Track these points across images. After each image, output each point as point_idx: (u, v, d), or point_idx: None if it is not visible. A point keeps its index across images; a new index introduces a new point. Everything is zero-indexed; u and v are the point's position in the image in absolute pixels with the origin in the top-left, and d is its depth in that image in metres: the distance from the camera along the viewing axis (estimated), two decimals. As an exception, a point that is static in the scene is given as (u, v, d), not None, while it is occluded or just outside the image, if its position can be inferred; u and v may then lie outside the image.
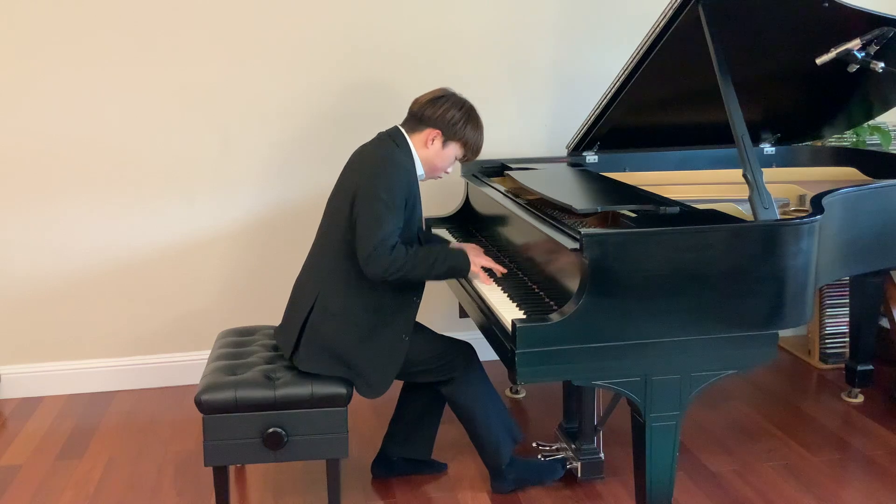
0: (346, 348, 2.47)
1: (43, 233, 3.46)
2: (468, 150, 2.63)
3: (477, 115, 2.62)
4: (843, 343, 3.68)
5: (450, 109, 2.56)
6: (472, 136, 2.60)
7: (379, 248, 2.37)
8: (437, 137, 2.56)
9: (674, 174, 3.21)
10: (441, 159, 2.60)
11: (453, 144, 2.59)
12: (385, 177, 2.44)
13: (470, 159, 2.68)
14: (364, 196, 2.43)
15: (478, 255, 2.58)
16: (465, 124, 2.57)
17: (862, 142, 3.68)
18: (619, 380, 2.16)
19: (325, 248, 2.56)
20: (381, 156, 2.52)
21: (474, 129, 2.60)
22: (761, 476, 2.81)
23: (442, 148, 2.58)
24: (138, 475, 2.90)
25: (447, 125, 2.55)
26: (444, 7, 3.55)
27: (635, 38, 2.80)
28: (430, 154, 2.58)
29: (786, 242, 2.18)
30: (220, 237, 3.58)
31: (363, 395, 2.51)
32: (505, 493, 2.70)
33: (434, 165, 2.61)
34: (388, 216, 2.41)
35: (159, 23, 3.36)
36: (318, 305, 2.49)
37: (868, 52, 2.57)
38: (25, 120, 3.36)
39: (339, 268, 2.50)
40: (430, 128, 2.56)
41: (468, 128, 2.58)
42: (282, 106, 3.50)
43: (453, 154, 2.61)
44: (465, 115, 2.58)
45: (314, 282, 2.54)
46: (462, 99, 2.61)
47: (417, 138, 2.58)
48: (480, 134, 2.63)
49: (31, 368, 3.56)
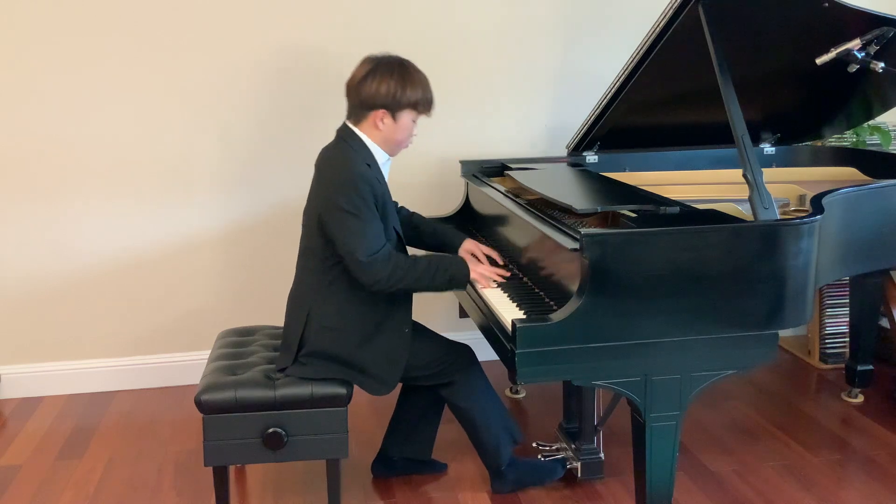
0: (349, 354, 2.47)
1: (43, 233, 3.46)
2: (421, 109, 2.50)
3: (411, 72, 2.47)
4: (843, 343, 3.68)
5: (382, 82, 2.42)
6: (417, 95, 2.46)
7: (369, 258, 2.35)
8: (385, 115, 2.44)
9: (674, 174, 3.21)
10: (399, 131, 2.48)
11: (404, 113, 2.46)
12: (341, 190, 2.38)
13: (428, 114, 2.54)
14: (330, 214, 2.39)
15: (478, 264, 2.56)
16: (402, 89, 2.43)
17: (862, 142, 3.68)
18: (619, 380, 2.16)
19: (308, 263, 2.53)
20: (332, 169, 2.45)
21: (415, 88, 2.45)
22: (761, 476, 2.81)
23: (395, 122, 2.46)
24: (138, 475, 2.90)
25: (388, 100, 2.42)
26: (444, 7, 3.55)
27: (635, 38, 2.80)
28: (386, 133, 2.47)
29: (786, 242, 2.18)
30: (220, 237, 3.58)
31: (374, 393, 2.50)
32: (505, 494, 2.70)
33: (395, 140, 2.50)
34: (363, 225, 2.37)
35: (159, 23, 3.36)
36: (312, 322, 2.48)
37: (868, 52, 2.57)
38: (25, 120, 3.36)
39: (325, 281, 2.48)
40: (374, 109, 2.44)
41: (409, 90, 2.44)
42: (282, 105, 3.50)
43: (409, 121, 2.49)
44: (399, 80, 2.43)
45: (304, 299, 2.52)
46: (389, 62, 2.46)
47: (366, 125, 2.48)
48: (425, 88, 2.48)
49: (31, 368, 3.56)
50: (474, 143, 3.67)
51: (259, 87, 3.47)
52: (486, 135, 3.68)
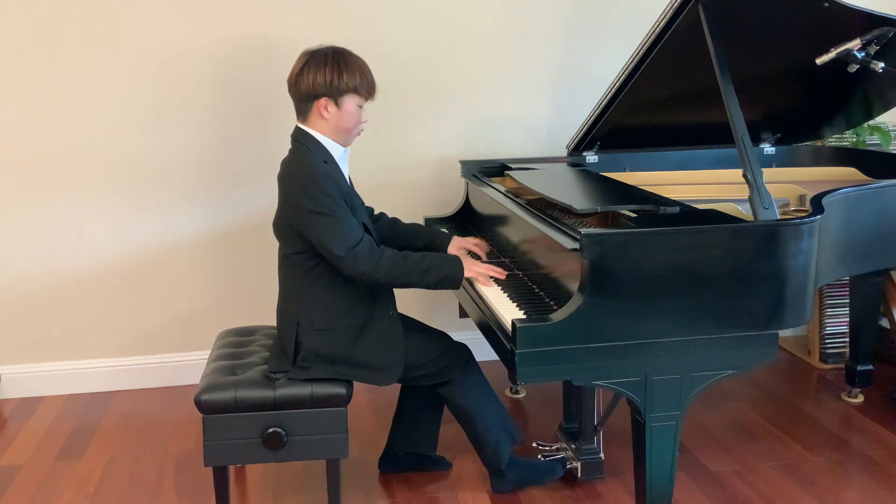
0: (346, 351, 2.47)
1: (44, 233, 3.46)
2: (363, 93, 2.48)
3: (346, 57, 2.45)
4: (843, 343, 3.68)
5: (318, 72, 2.41)
6: (355, 80, 2.43)
7: (348, 252, 2.35)
8: (328, 103, 2.43)
9: (674, 174, 3.20)
10: (346, 118, 2.46)
11: (346, 98, 2.44)
12: (304, 192, 2.38)
13: (372, 97, 2.52)
14: (302, 221, 2.39)
15: (474, 262, 2.56)
16: (339, 75, 2.41)
17: (862, 142, 3.68)
18: (619, 380, 2.16)
19: (288, 272, 2.53)
20: (292, 174, 2.45)
21: (352, 73, 2.43)
22: (761, 476, 2.81)
23: (338, 109, 2.44)
24: (138, 475, 2.90)
25: (326, 88, 2.41)
26: (444, 8, 3.55)
27: (635, 38, 2.80)
28: (333, 122, 2.45)
29: (786, 242, 2.18)
30: (220, 237, 3.58)
31: (379, 383, 2.50)
32: (505, 493, 2.70)
33: (344, 128, 2.48)
34: (336, 222, 2.36)
35: (154, 25, 3.36)
36: (303, 327, 2.48)
37: (868, 52, 2.57)
38: (26, 120, 3.36)
39: (307, 285, 2.48)
40: (315, 100, 2.44)
41: (345, 76, 2.42)
42: (281, 105, 3.50)
43: (354, 105, 2.46)
44: (334, 67, 2.41)
45: (291, 307, 2.52)
46: (322, 52, 2.45)
47: (313, 118, 2.47)
48: (363, 72, 2.46)
49: (31, 368, 3.56)
50: (474, 143, 3.67)
51: (259, 86, 3.47)
52: (486, 135, 3.68)
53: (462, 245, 2.79)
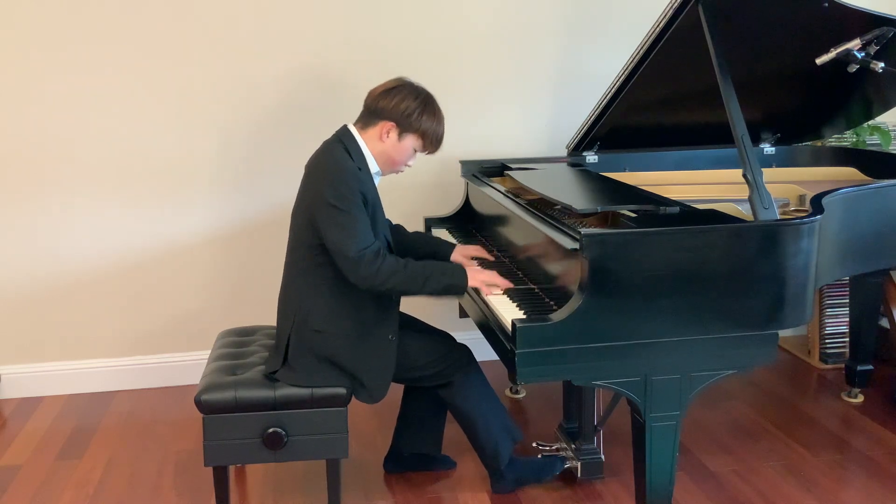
0: (335, 357, 2.46)
1: (44, 233, 3.45)
2: (427, 142, 2.51)
3: (435, 104, 2.51)
4: (843, 343, 3.68)
5: (405, 100, 2.45)
6: (430, 126, 2.49)
7: (357, 254, 2.34)
8: (392, 129, 2.46)
9: (674, 174, 3.21)
10: (398, 152, 2.50)
11: (410, 136, 2.48)
12: (331, 185, 2.38)
13: (432, 151, 2.56)
14: (319, 211, 2.38)
15: (478, 270, 2.53)
16: (420, 114, 2.45)
17: (862, 142, 3.68)
18: (619, 380, 2.16)
19: (296, 263, 2.52)
20: (323, 165, 2.45)
21: (431, 119, 2.48)
22: (761, 476, 2.81)
23: (398, 140, 2.47)
24: (138, 475, 2.90)
25: (402, 116, 2.44)
26: (445, 7, 3.55)
27: (635, 38, 2.80)
28: (387, 147, 2.48)
29: (786, 242, 2.18)
30: (220, 237, 3.58)
31: (363, 401, 2.51)
32: (505, 494, 2.70)
33: (392, 159, 2.51)
34: (352, 221, 2.36)
35: (155, 26, 3.36)
36: (298, 324, 2.47)
37: (868, 52, 2.57)
38: (26, 121, 3.36)
39: (312, 283, 2.48)
40: (385, 120, 2.46)
41: (425, 118, 2.46)
42: (281, 105, 3.50)
43: (411, 146, 2.50)
44: (422, 105, 2.46)
45: (291, 301, 2.52)
46: (419, 88, 2.50)
47: (371, 133, 2.49)
48: (439, 124, 2.52)
49: (31, 368, 3.56)
50: (474, 143, 3.67)
51: (259, 87, 3.47)
52: (486, 135, 3.68)
53: (465, 253, 2.75)
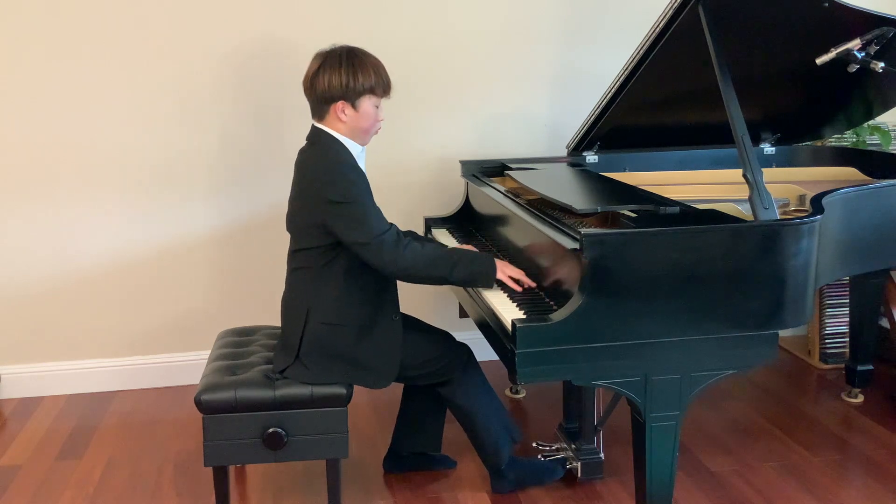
0: (348, 349, 2.47)
1: (43, 233, 3.46)
2: (378, 92, 2.47)
3: (361, 58, 2.45)
4: (843, 343, 3.68)
5: (333, 75, 2.40)
6: (370, 80, 2.43)
7: (376, 239, 2.34)
8: (344, 105, 2.43)
9: (674, 174, 3.21)
10: (363, 119, 2.46)
11: (362, 100, 2.44)
12: (330, 184, 2.38)
13: (388, 95, 2.51)
14: (325, 212, 2.38)
15: (506, 264, 2.51)
16: (354, 77, 2.41)
17: (862, 142, 3.68)
18: (619, 380, 2.16)
19: (301, 264, 2.51)
20: (315, 164, 2.45)
21: (367, 73, 2.43)
22: (761, 476, 2.81)
23: (356, 111, 2.44)
24: (138, 475, 2.90)
25: (342, 91, 2.41)
26: (445, 8, 3.55)
27: (635, 37, 2.80)
28: (350, 123, 2.45)
29: (786, 242, 2.18)
30: (220, 237, 3.58)
31: (374, 387, 2.49)
32: (505, 493, 2.70)
33: (362, 128, 2.48)
34: (361, 210, 2.36)
35: (152, 23, 3.36)
36: (311, 319, 2.47)
37: (868, 52, 2.57)
38: (26, 120, 3.36)
39: (321, 279, 2.47)
40: (332, 103, 2.43)
41: (360, 77, 2.42)
42: (282, 105, 3.50)
43: (370, 106, 2.46)
44: (349, 69, 2.41)
45: (300, 300, 2.51)
46: (336, 53, 2.44)
47: (331, 119, 2.47)
48: (377, 71, 2.46)
49: (31, 368, 3.56)
50: (474, 143, 3.67)
51: (258, 87, 3.47)
52: (486, 135, 3.68)
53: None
